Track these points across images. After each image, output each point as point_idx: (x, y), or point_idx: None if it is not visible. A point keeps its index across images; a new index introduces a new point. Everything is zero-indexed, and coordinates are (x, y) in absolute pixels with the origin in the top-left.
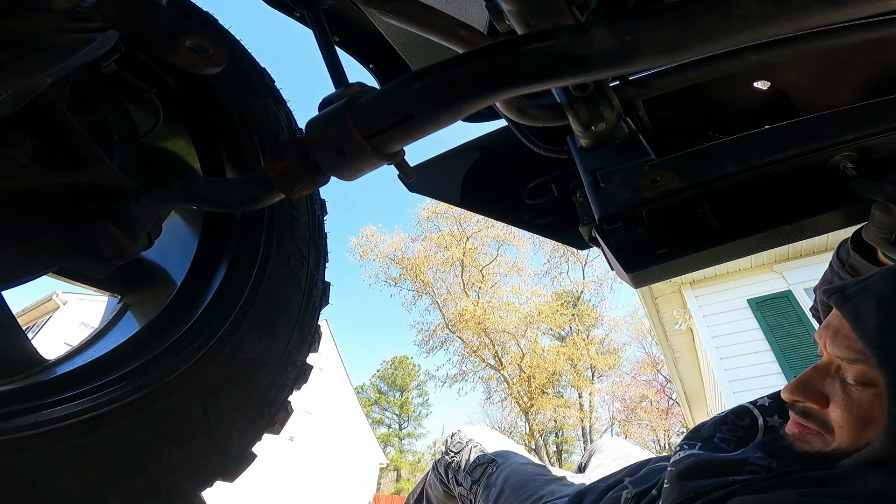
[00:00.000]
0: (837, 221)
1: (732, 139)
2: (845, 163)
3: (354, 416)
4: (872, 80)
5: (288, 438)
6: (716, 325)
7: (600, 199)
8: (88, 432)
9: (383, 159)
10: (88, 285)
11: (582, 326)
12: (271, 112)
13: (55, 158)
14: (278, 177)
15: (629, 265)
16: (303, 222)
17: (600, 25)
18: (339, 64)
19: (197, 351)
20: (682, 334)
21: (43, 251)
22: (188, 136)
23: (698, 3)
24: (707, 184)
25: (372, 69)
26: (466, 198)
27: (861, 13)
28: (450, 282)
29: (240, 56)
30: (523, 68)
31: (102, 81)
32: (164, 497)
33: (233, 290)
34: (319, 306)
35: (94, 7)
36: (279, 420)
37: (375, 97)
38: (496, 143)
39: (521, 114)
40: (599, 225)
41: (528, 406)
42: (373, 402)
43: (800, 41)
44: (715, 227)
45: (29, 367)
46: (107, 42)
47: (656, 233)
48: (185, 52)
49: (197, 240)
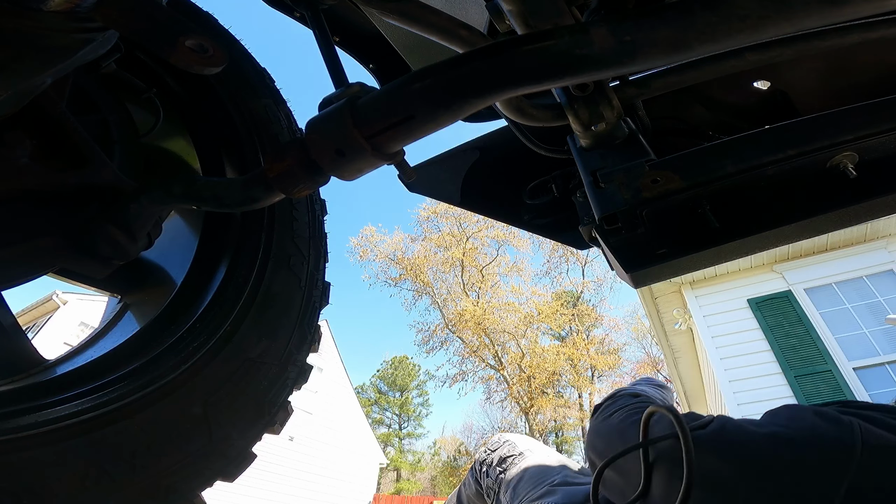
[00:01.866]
0: (837, 221)
1: (732, 139)
2: (845, 163)
3: (354, 416)
4: (872, 80)
5: (288, 438)
6: (716, 325)
7: (600, 199)
8: (88, 432)
9: (383, 159)
10: (88, 285)
11: (582, 326)
12: (271, 112)
13: (55, 158)
14: (278, 177)
15: (629, 265)
16: (303, 222)
17: (600, 25)
18: (339, 64)
19: (197, 351)
20: (682, 334)
21: (43, 251)
22: (188, 136)
23: (698, 3)
24: (707, 184)
25: (372, 69)
26: (466, 198)
27: (861, 13)
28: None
29: (240, 56)
30: (523, 68)
31: (102, 81)
32: (164, 497)
33: (233, 290)
34: (319, 306)
35: (94, 7)
36: (279, 420)
37: (375, 97)
38: (496, 143)
39: (521, 114)
40: (599, 225)
41: (528, 406)
42: (373, 402)
43: (800, 41)
44: (715, 227)
45: (29, 367)
46: (107, 42)
47: (656, 233)
48: (185, 52)
49: (197, 240)
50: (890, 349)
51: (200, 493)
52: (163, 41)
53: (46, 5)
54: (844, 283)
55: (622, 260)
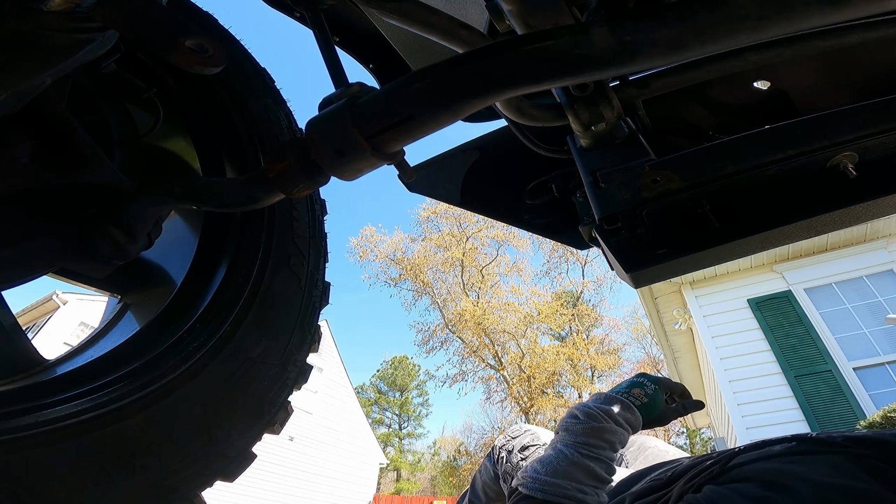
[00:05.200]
0: (837, 221)
1: (732, 139)
2: (845, 163)
3: (354, 416)
4: (872, 80)
5: (288, 438)
6: (716, 325)
7: (600, 199)
8: (88, 432)
9: (383, 159)
10: (88, 285)
11: (582, 326)
12: (271, 112)
13: (55, 158)
14: (278, 177)
15: (629, 265)
16: (303, 222)
17: (600, 25)
18: (339, 64)
19: (197, 351)
20: (682, 334)
21: (43, 251)
22: (188, 136)
23: (698, 3)
24: (707, 184)
25: (372, 69)
26: (466, 198)
27: (861, 13)
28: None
29: (240, 56)
30: (523, 68)
31: (102, 81)
32: (164, 497)
33: (233, 290)
34: (319, 306)
35: (94, 7)
36: (279, 420)
37: (375, 97)
38: (496, 143)
39: (521, 114)
40: (599, 225)
41: (528, 406)
42: (373, 402)
43: (800, 41)
44: (715, 227)
45: (29, 367)
46: (107, 42)
47: (656, 233)
48: (185, 52)
49: (197, 240)
50: (890, 349)
51: (200, 493)
52: (163, 41)
53: (46, 5)
54: (844, 283)
55: (622, 260)
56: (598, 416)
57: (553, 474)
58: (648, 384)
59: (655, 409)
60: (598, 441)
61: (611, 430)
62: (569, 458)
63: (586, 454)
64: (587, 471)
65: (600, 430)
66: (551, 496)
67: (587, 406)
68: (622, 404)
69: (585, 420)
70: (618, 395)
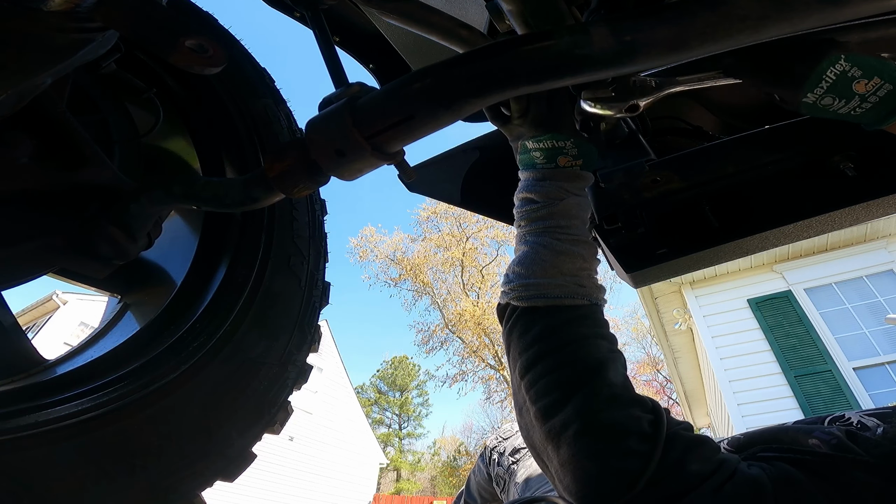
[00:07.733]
0: (837, 221)
1: (732, 139)
2: (845, 163)
3: (354, 416)
4: None
5: (288, 438)
6: (716, 325)
7: (600, 199)
8: (88, 432)
9: (383, 159)
10: (88, 285)
11: None
12: (271, 112)
13: (55, 158)
14: (278, 177)
15: (629, 265)
16: (303, 222)
17: (600, 25)
18: (339, 64)
19: (197, 351)
20: (682, 334)
21: (43, 251)
22: (188, 136)
23: (698, 3)
24: (707, 184)
25: (372, 69)
26: (466, 198)
27: (861, 13)
28: (450, 282)
29: (240, 56)
30: (523, 68)
31: (102, 81)
32: (164, 497)
33: (233, 290)
34: (319, 306)
35: (94, 7)
36: (279, 420)
37: (375, 97)
38: (496, 143)
39: None
40: (599, 225)
41: None
42: (373, 402)
43: None
44: (715, 227)
45: (29, 367)
46: (107, 42)
47: (656, 233)
48: (185, 52)
49: (197, 240)
50: (890, 349)
51: (200, 493)
52: (163, 41)
53: (46, 5)
54: (844, 283)
55: (622, 260)
56: (555, 193)
57: (542, 274)
58: (566, 143)
59: (591, 153)
60: (568, 221)
61: (576, 204)
62: (550, 248)
63: (565, 238)
64: (574, 256)
65: (566, 207)
66: (552, 298)
67: (536, 184)
68: (568, 173)
69: (544, 202)
70: (553, 167)
